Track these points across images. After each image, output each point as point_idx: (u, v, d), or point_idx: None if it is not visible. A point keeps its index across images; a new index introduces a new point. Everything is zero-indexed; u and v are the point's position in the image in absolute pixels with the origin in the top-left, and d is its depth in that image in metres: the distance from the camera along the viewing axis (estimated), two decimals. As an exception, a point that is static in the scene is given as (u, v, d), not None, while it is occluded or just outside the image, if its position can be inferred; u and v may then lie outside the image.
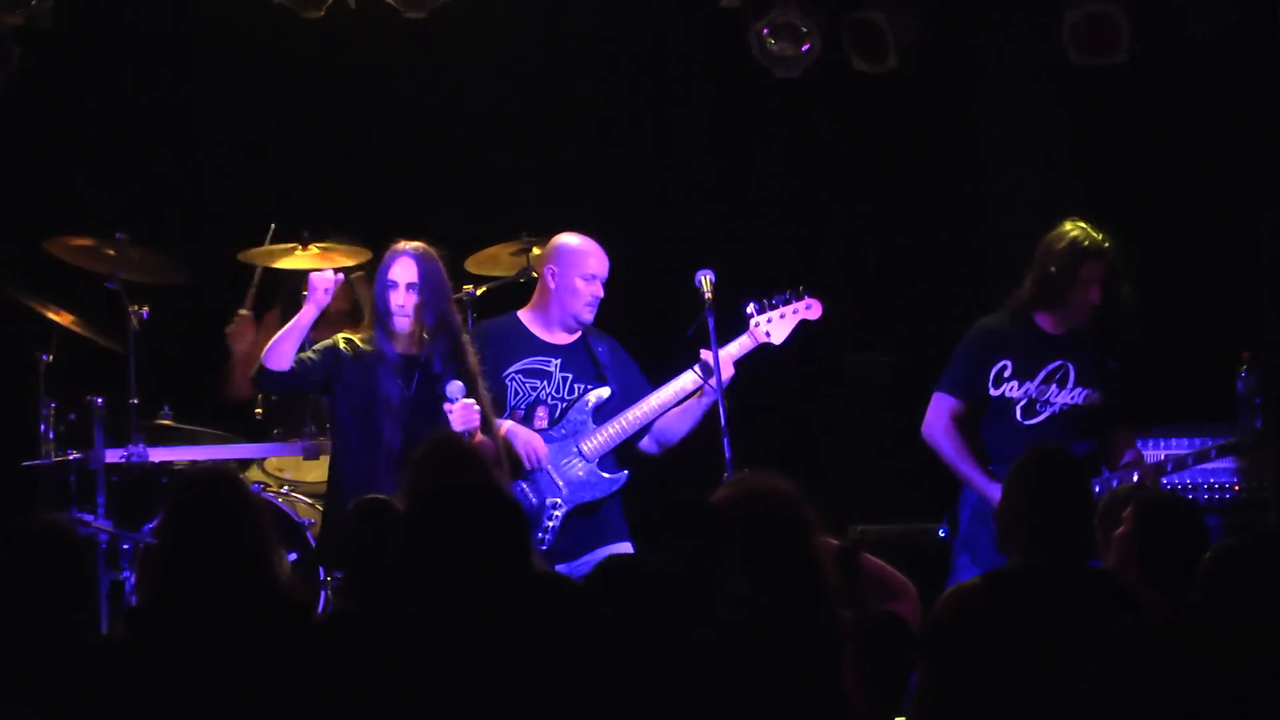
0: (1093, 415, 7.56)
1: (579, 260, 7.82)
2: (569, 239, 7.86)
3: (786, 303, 7.92)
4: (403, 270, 7.46)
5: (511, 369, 7.81)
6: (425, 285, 7.46)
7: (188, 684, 5.07)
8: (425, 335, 7.48)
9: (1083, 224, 7.56)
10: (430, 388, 7.44)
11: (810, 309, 7.96)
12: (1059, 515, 5.35)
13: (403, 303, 7.45)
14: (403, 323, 7.47)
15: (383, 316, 7.48)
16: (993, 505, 6.59)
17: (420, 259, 7.47)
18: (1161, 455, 7.97)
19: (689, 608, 5.04)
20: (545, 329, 7.87)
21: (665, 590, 5.08)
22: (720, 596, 5.08)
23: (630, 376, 7.92)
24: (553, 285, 7.83)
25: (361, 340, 7.55)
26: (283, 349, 7.41)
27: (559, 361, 7.83)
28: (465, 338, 7.57)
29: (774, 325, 7.90)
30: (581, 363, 7.85)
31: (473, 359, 7.51)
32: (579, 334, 7.87)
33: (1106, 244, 7.52)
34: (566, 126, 9.69)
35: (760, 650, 5.01)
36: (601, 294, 7.82)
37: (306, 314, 7.46)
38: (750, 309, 7.89)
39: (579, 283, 7.80)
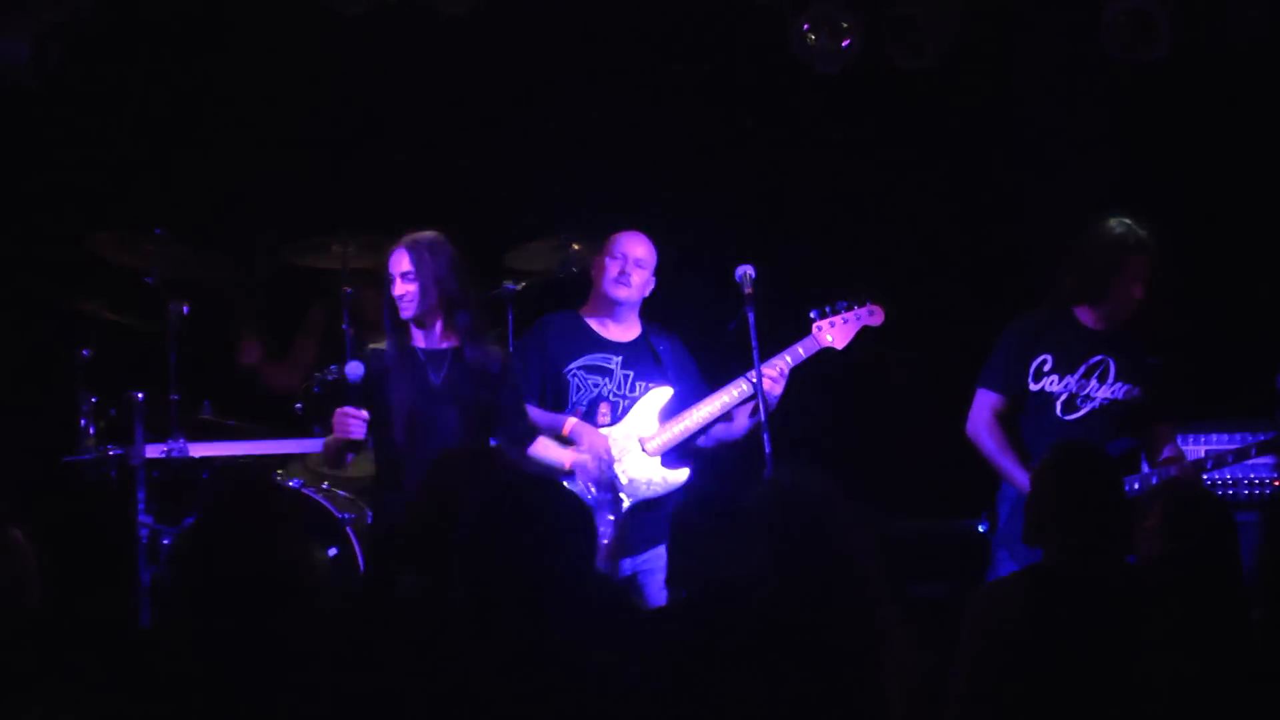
0: (1133, 411, 7.54)
1: (608, 243, 7.89)
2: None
3: (849, 308, 8.02)
4: (395, 262, 7.40)
5: (573, 364, 7.84)
6: (419, 272, 7.34)
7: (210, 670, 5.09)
8: (447, 324, 7.46)
9: (1127, 220, 7.54)
10: (459, 376, 7.42)
11: (873, 315, 8.06)
12: (1085, 511, 5.37)
13: (400, 293, 7.38)
14: (407, 312, 7.42)
15: (388, 313, 7.49)
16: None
17: (409, 248, 7.39)
18: (1202, 451, 7.96)
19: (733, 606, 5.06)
20: (604, 327, 7.92)
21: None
22: (756, 595, 5.10)
23: (691, 376, 7.97)
24: (594, 275, 7.92)
25: (384, 344, 7.57)
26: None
27: (620, 359, 7.88)
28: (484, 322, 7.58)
29: (836, 330, 7.99)
30: (643, 360, 7.90)
31: (500, 349, 7.53)
32: (640, 332, 7.94)
33: (1151, 240, 7.50)
34: (606, 123, 9.70)
35: (798, 647, 5.02)
36: (629, 269, 7.82)
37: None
38: (813, 314, 7.98)
39: (606, 261, 7.86)
